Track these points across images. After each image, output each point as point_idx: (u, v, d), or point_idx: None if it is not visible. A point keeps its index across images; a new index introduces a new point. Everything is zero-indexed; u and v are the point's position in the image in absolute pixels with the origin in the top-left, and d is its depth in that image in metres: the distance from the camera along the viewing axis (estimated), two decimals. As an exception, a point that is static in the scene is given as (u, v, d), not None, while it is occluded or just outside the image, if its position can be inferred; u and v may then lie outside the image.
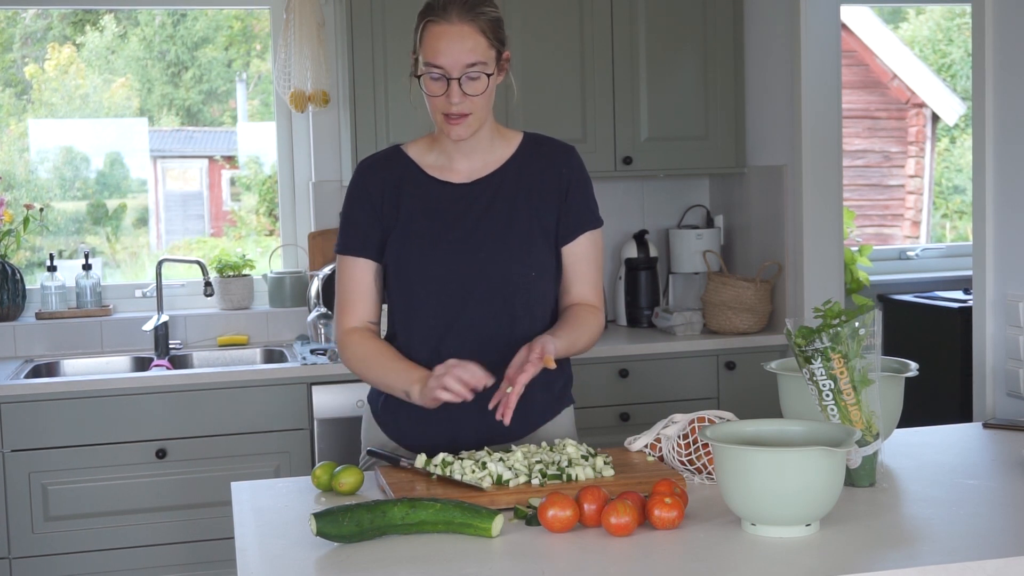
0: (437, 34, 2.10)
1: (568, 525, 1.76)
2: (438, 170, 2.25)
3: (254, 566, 1.67)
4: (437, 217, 2.22)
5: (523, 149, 2.27)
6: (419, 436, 2.24)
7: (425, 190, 2.23)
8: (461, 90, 2.10)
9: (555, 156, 2.28)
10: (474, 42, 2.10)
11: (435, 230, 2.21)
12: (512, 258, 2.20)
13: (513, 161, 2.26)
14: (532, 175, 2.25)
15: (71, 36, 4.38)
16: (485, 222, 2.21)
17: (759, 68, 4.06)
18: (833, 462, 1.70)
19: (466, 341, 2.19)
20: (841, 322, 1.93)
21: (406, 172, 2.25)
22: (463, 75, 2.10)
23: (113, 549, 3.43)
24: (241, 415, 3.48)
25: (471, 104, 2.12)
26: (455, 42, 2.08)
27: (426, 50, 2.11)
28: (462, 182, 2.24)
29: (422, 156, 2.26)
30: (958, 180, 7.25)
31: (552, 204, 2.25)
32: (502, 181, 2.24)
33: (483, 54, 2.11)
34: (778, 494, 1.68)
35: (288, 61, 4.00)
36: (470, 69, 2.10)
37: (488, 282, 2.20)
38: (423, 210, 2.22)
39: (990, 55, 2.91)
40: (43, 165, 4.31)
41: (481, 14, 2.11)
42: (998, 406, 2.93)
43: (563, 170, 2.26)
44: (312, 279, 4.00)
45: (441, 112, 2.14)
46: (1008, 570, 1.60)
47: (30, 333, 3.90)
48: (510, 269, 2.20)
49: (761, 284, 3.94)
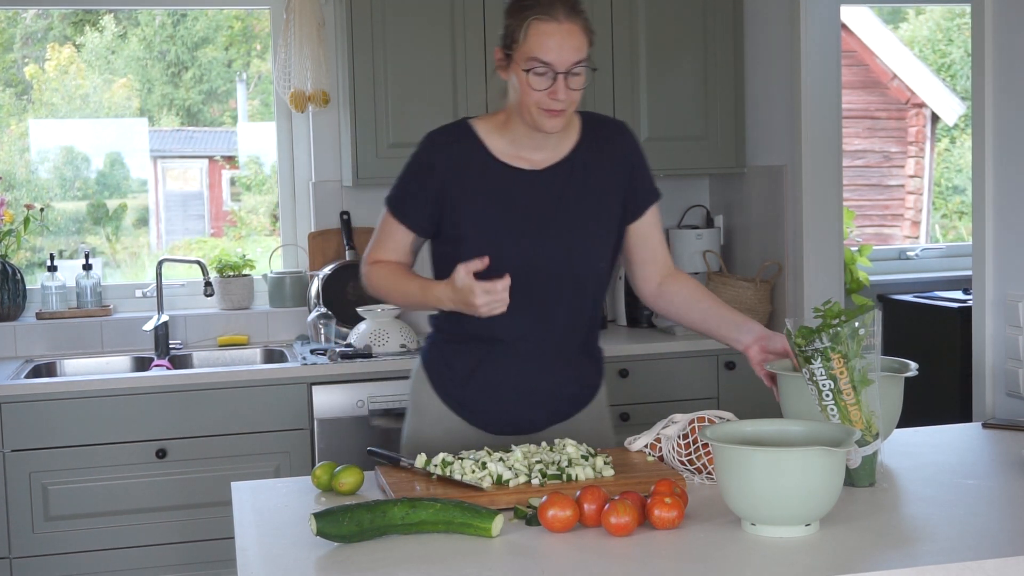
0: (547, 32, 2.14)
1: (568, 525, 1.76)
2: (508, 156, 2.28)
3: (254, 566, 1.67)
4: (509, 205, 2.26)
5: (586, 134, 2.32)
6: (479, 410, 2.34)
7: (495, 176, 2.27)
8: (566, 86, 2.15)
9: (615, 138, 2.34)
10: (580, 40, 2.16)
11: (507, 219, 2.25)
12: (583, 248, 2.28)
13: (579, 148, 2.31)
14: (597, 161, 2.31)
15: (71, 36, 4.38)
16: (557, 211, 2.26)
17: (759, 68, 4.06)
18: (833, 462, 1.70)
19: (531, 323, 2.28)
20: (841, 322, 1.93)
21: (475, 153, 2.28)
22: (569, 71, 2.15)
23: (113, 549, 3.43)
24: (241, 415, 3.48)
25: (571, 99, 2.18)
26: (565, 40, 2.14)
27: (532, 46, 2.15)
28: (532, 169, 2.28)
29: (491, 138, 2.29)
30: (958, 180, 7.25)
31: (618, 188, 2.32)
32: (572, 168, 2.29)
33: (586, 51, 2.18)
34: (778, 494, 1.68)
35: (288, 61, 4.00)
36: (576, 66, 2.16)
37: (558, 270, 2.26)
38: (494, 197, 2.26)
39: (990, 55, 2.91)
40: (43, 165, 4.31)
41: (581, 12, 2.19)
42: (998, 406, 2.93)
43: (625, 152, 2.34)
44: (312, 279, 4.00)
45: (540, 106, 2.17)
46: (1008, 570, 1.60)
47: (30, 333, 3.90)
48: (581, 259, 2.28)
49: (761, 284, 3.94)
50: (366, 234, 4.12)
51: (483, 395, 2.34)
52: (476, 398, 2.35)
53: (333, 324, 3.84)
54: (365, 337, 3.68)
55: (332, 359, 3.56)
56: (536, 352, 2.31)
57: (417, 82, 3.82)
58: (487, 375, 2.33)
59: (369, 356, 3.60)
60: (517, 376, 2.31)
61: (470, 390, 2.35)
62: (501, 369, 2.32)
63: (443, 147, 2.29)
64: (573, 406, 2.38)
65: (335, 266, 4.02)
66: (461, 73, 3.85)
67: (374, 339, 3.67)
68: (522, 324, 2.28)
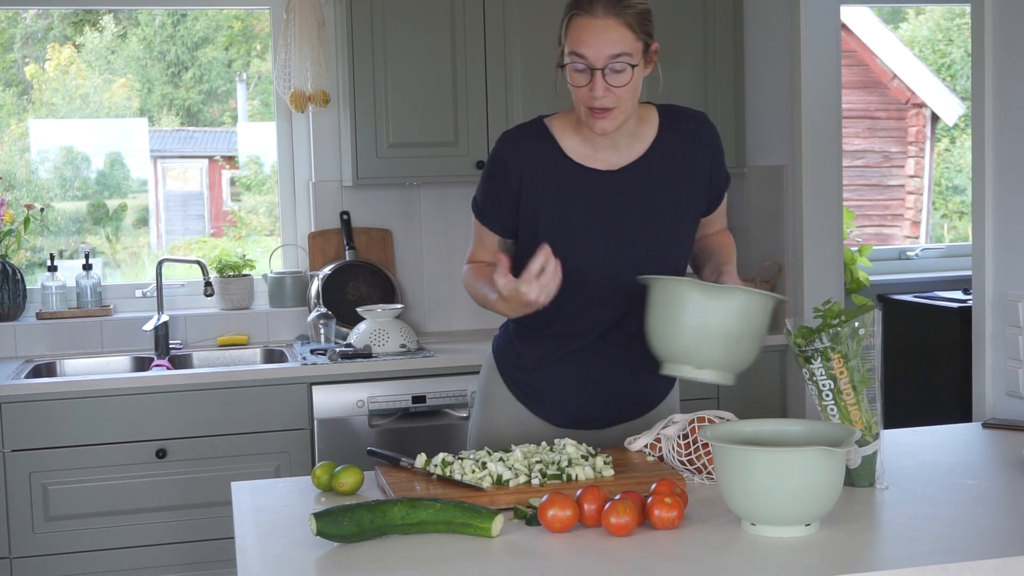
0: (582, 26, 2.11)
1: (568, 525, 1.76)
2: (582, 156, 2.24)
3: (254, 566, 1.67)
4: (583, 207, 2.22)
5: (663, 131, 2.27)
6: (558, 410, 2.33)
7: (570, 177, 2.23)
8: (605, 82, 2.10)
9: (695, 134, 2.28)
10: (619, 35, 2.10)
11: (581, 221, 2.22)
12: (663, 249, 2.25)
13: (656, 146, 2.26)
14: (677, 158, 2.26)
15: (71, 36, 4.38)
16: (634, 212, 2.23)
17: (759, 68, 4.06)
18: (833, 462, 1.70)
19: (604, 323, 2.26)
20: (841, 322, 1.93)
21: (548, 152, 2.24)
22: (607, 66, 2.10)
23: (113, 549, 3.43)
24: (241, 415, 3.48)
25: (615, 97, 2.12)
26: (599, 34, 2.09)
27: (571, 40, 2.12)
28: (608, 169, 2.24)
29: (565, 137, 2.25)
30: (958, 180, 7.25)
31: (700, 185, 2.28)
32: (648, 168, 2.24)
33: (629, 46, 2.11)
34: (778, 494, 1.68)
35: (288, 61, 4.00)
36: (614, 61, 2.10)
37: (632, 272, 2.21)
38: (567, 199, 2.22)
39: (990, 55, 2.91)
40: (43, 165, 4.31)
41: (628, 7, 2.12)
42: (998, 406, 2.93)
43: (706, 149, 2.28)
44: (312, 279, 4.00)
45: (585, 104, 2.14)
46: (1008, 570, 1.60)
47: (30, 333, 3.90)
48: (660, 260, 2.24)
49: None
50: (366, 234, 4.12)
51: (550, 387, 2.33)
52: (542, 389, 2.34)
53: (333, 324, 3.84)
54: (365, 337, 3.68)
55: (332, 359, 3.56)
56: (606, 351, 2.29)
57: (417, 82, 3.82)
58: (555, 368, 2.31)
59: (369, 356, 3.60)
60: (584, 372, 2.30)
61: (537, 381, 2.33)
62: (570, 364, 2.30)
63: (517, 146, 2.26)
64: (640, 407, 2.36)
65: (335, 266, 4.02)
66: (461, 73, 3.85)
67: (374, 339, 3.67)
68: (595, 323, 2.27)
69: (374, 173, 3.82)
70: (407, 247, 4.18)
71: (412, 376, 3.58)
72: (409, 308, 4.15)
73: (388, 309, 3.74)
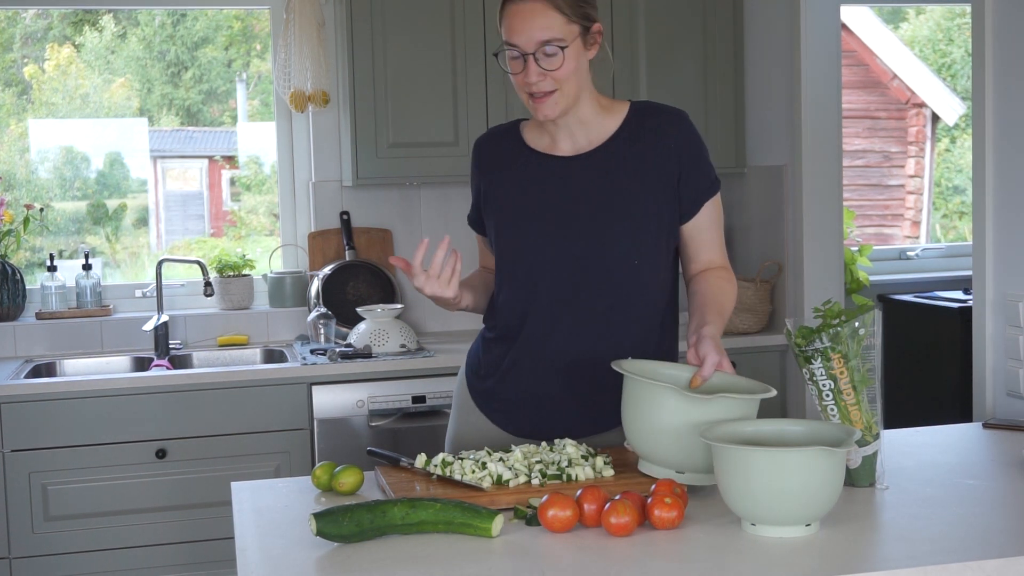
0: (512, 13, 2.10)
1: (568, 525, 1.76)
2: (542, 146, 2.23)
3: (254, 566, 1.67)
4: (533, 192, 2.20)
5: (629, 122, 2.20)
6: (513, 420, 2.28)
7: (525, 164, 2.23)
8: (539, 67, 2.08)
9: (663, 128, 2.18)
10: (547, 19, 2.06)
11: (531, 206, 2.19)
12: (613, 243, 2.15)
13: (618, 136, 2.19)
14: (640, 151, 2.17)
15: (71, 36, 4.38)
16: (585, 202, 2.16)
17: (759, 68, 4.06)
18: (833, 462, 1.70)
19: (560, 323, 2.18)
20: (841, 322, 1.93)
21: (512, 146, 2.26)
22: (538, 51, 2.07)
23: (113, 549, 3.43)
24: (241, 415, 3.48)
25: (552, 81, 2.09)
26: (527, 19, 2.07)
27: (504, 28, 2.11)
28: (564, 155, 2.20)
29: (531, 131, 2.26)
30: (958, 180, 7.25)
31: (666, 183, 2.16)
32: (606, 157, 2.17)
33: (559, 30, 2.07)
34: (778, 494, 1.68)
35: (288, 61, 4.00)
36: (545, 46, 2.07)
37: (584, 263, 2.15)
38: (519, 184, 2.22)
39: (990, 55, 2.91)
40: (43, 165, 4.31)
41: None
42: (998, 406, 2.93)
43: (672, 144, 2.17)
44: (312, 279, 4.00)
45: (524, 91, 2.13)
46: (1008, 570, 1.60)
47: (30, 333, 3.90)
48: (610, 254, 2.15)
49: (761, 284, 3.94)
50: (366, 234, 4.12)
51: (508, 397, 2.26)
52: (501, 399, 2.28)
53: (333, 324, 3.84)
54: (365, 337, 3.68)
55: (332, 359, 3.56)
56: (566, 354, 2.19)
57: (417, 82, 3.82)
58: (506, 378, 2.25)
59: (369, 356, 3.60)
60: (543, 379, 2.20)
61: (493, 389, 2.28)
62: (527, 371, 2.22)
63: (485, 144, 2.31)
64: (596, 427, 2.23)
65: (335, 266, 4.02)
66: (461, 73, 3.85)
67: (374, 339, 3.67)
68: (550, 322, 2.18)
69: (374, 173, 3.82)
70: (407, 247, 4.18)
71: (412, 376, 3.57)
72: (409, 308, 4.15)
73: (388, 309, 3.74)
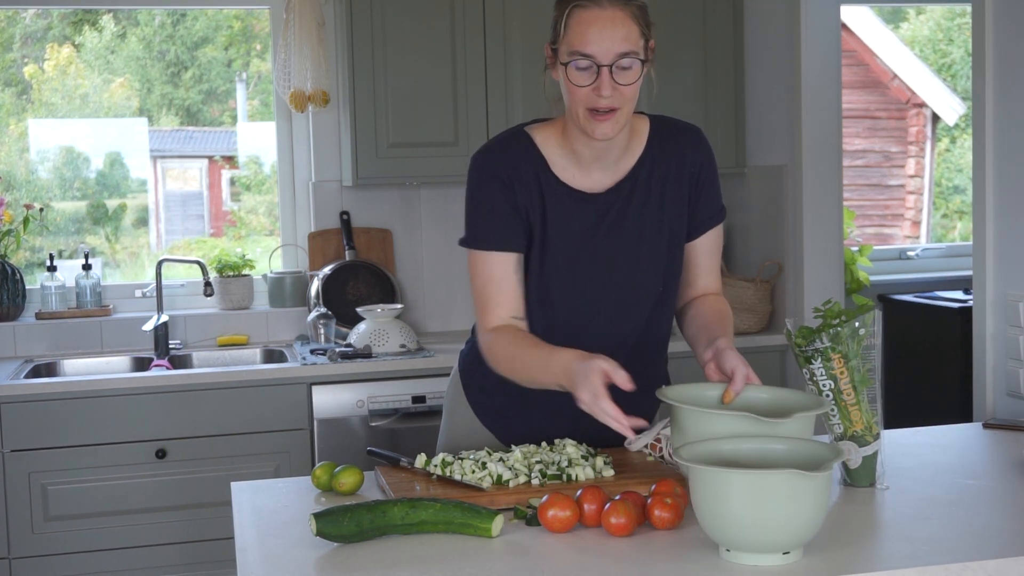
0: (587, 20, 1.92)
1: (568, 525, 1.76)
2: (569, 175, 2.07)
3: (254, 566, 1.67)
4: (570, 229, 2.07)
5: (651, 145, 2.10)
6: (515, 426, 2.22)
7: (557, 199, 2.07)
8: (613, 80, 1.93)
9: (684, 149, 2.11)
10: (627, 29, 1.93)
11: (569, 244, 2.08)
12: (643, 275, 2.11)
13: (643, 163, 2.09)
14: (663, 176, 2.10)
15: (70, 36, 4.38)
16: (615, 237, 2.09)
17: (759, 68, 4.05)
18: (815, 486, 1.55)
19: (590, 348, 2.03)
20: (841, 322, 1.93)
21: (535, 167, 2.07)
22: (614, 64, 1.92)
23: (113, 549, 3.43)
24: (241, 415, 3.48)
25: (620, 97, 1.95)
26: (607, 28, 1.91)
27: (572, 37, 1.93)
28: (593, 191, 2.08)
29: (550, 151, 2.08)
30: (958, 180, 7.25)
31: (682, 205, 2.12)
32: (633, 189, 2.09)
33: (635, 42, 1.95)
34: (753, 520, 1.56)
35: (288, 61, 4.00)
36: (622, 58, 1.93)
37: (617, 297, 2.11)
38: (556, 221, 2.07)
39: (990, 55, 2.91)
40: (43, 165, 4.31)
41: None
42: (998, 406, 2.93)
43: (690, 164, 2.11)
44: (312, 279, 4.00)
45: (586, 107, 1.96)
46: (1008, 570, 1.60)
47: (30, 333, 3.90)
48: (641, 286, 2.11)
49: (761, 284, 3.94)
50: (366, 234, 4.12)
51: (511, 408, 2.23)
52: (503, 411, 2.25)
53: (333, 324, 3.84)
54: (365, 337, 3.68)
55: (332, 359, 3.56)
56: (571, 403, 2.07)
57: (417, 82, 3.82)
58: (518, 388, 2.11)
59: (369, 356, 3.60)
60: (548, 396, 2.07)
61: (499, 401, 2.24)
62: (543, 404, 2.15)
63: (505, 155, 2.08)
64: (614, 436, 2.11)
65: (335, 266, 4.02)
66: (461, 73, 3.85)
67: (374, 339, 3.67)
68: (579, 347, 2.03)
69: (374, 173, 3.82)
70: (407, 247, 4.18)
71: (412, 376, 3.58)
72: (409, 308, 4.15)
73: (388, 309, 3.74)
